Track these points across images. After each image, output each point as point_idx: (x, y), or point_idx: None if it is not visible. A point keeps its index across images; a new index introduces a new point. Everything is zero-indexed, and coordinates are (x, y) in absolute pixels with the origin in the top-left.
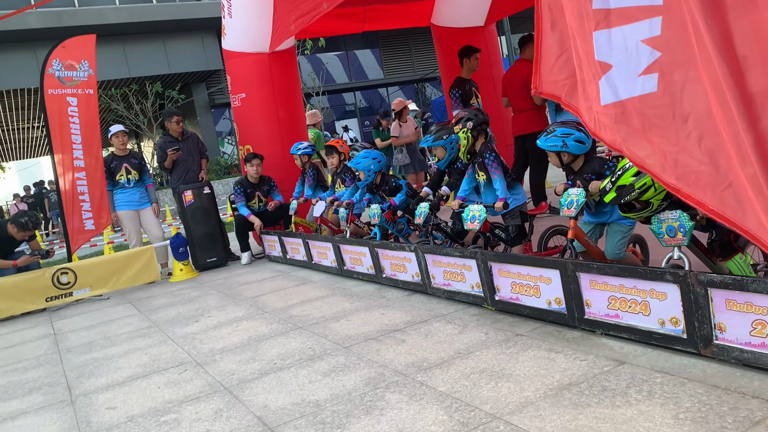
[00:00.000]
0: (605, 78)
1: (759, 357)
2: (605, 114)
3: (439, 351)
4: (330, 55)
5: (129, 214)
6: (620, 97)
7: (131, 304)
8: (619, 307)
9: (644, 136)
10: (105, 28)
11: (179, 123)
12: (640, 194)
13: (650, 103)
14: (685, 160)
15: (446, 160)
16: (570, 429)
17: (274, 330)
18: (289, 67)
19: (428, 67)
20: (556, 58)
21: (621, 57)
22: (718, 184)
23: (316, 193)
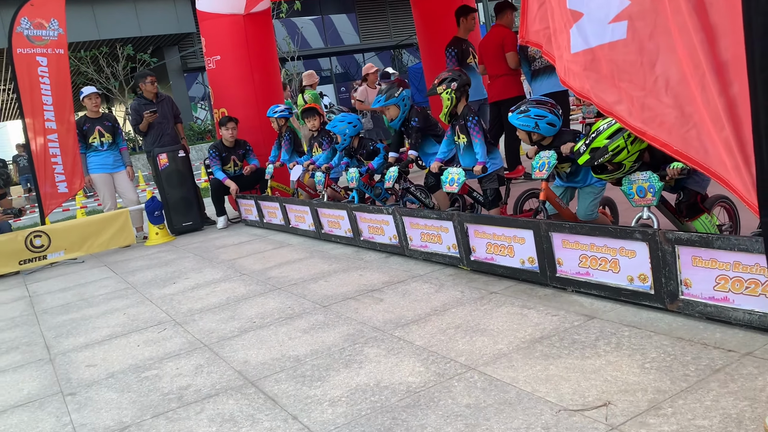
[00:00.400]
0: (576, 26)
1: (721, 310)
2: (575, 62)
3: (416, 309)
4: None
5: (103, 178)
6: (590, 44)
7: (107, 267)
8: (590, 265)
9: (613, 82)
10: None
11: (153, 84)
12: (613, 156)
13: (619, 50)
14: (652, 103)
15: (400, 118)
16: (541, 378)
17: (253, 291)
18: (265, 29)
19: (405, 32)
20: (537, 8)
21: (592, 5)
22: (683, 125)
23: (293, 158)
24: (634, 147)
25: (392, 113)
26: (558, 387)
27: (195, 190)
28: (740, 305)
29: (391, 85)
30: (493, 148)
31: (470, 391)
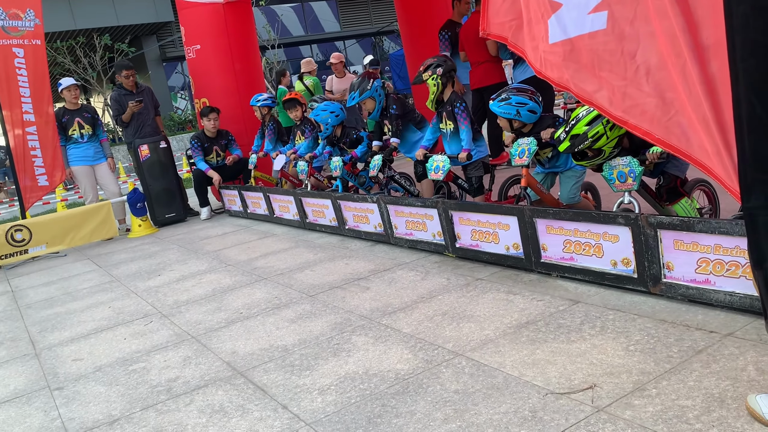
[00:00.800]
0: (555, 16)
1: (703, 293)
2: (552, 52)
3: (402, 296)
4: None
5: (84, 170)
6: (569, 34)
7: (90, 260)
8: (574, 250)
9: (593, 71)
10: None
11: (129, 77)
12: (593, 142)
13: (599, 40)
14: (633, 92)
15: (378, 109)
16: (528, 362)
17: (239, 281)
18: (245, 17)
19: (386, 19)
20: (503, 1)
21: None
22: (664, 114)
23: (277, 147)
24: (614, 133)
25: (369, 106)
26: (544, 371)
27: (177, 180)
28: (721, 287)
29: (362, 79)
30: (479, 135)
31: (458, 376)
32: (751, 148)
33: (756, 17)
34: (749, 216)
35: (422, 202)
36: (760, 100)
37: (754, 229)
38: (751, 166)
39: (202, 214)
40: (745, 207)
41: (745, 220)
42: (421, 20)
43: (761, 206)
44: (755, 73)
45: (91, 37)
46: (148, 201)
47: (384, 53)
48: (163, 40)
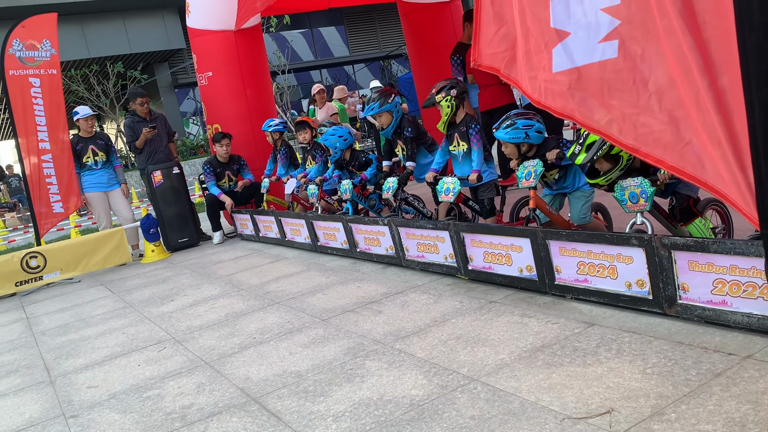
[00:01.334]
0: (561, 45)
1: (720, 314)
2: (556, 81)
3: (415, 320)
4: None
5: (98, 196)
6: (576, 63)
7: (104, 286)
8: (588, 271)
9: (602, 100)
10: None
11: (143, 105)
12: (610, 148)
13: (610, 68)
14: (646, 120)
15: (393, 125)
16: (544, 387)
17: (252, 306)
18: (256, 44)
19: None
20: (495, 31)
21: (579, 25)
22: (678, 141)
23: (289, 171)
24: None
25: (385, 120)
26: (561, 395)
27: (190, 205)
28: (738, 308)
29: (382, 93)
30: (490, 157)
31: (474, 402)
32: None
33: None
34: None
35: (433, 224)
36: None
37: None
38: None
39: (214, 239)
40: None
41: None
42: (428, 44)
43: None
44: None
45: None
46: (161, 226)
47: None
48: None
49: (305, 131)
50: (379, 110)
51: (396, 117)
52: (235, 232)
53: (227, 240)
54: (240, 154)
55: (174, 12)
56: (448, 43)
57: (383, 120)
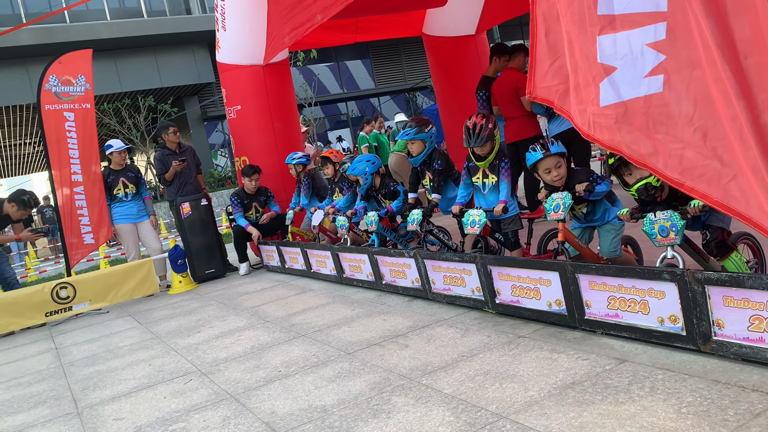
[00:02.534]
0: (608, 80)
1: (757, 351)
2: (604, 115)
3: (442, 354)
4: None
5: (127, 228)
6: (622, 97)
7: (132, 317)
8: (619, 306)
9: (647, 134)
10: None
11: (176, 134)
12: None
13: (655, 103)
14: (691, 155)
15: (424, 155)
16: (575, 426)
17: (277, 338)
18: (284, 78)
19: (419, 76)
20: (550, 65)
21: (626, 60)
22: (723, 176)
23: (312, 202)
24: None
25: (417, 149)
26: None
27: (217, 237)
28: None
29: (420, 122)
30: (514, 194)
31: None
32: None
33: None
34: None
35: (460, 257)
36: None
37: None
38: None
39: (241, 270)
40: None
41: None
42: (453, 76)
43: None
44: None
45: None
46: (188, 257)
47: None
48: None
49: (327, 166)
50: (414, 137)
51: (428, 148)
52: (261, 263)
53: (253, 271)
54: (267, 186)
55: (204, 47)
56: (473, 76)
57: (416, 147)
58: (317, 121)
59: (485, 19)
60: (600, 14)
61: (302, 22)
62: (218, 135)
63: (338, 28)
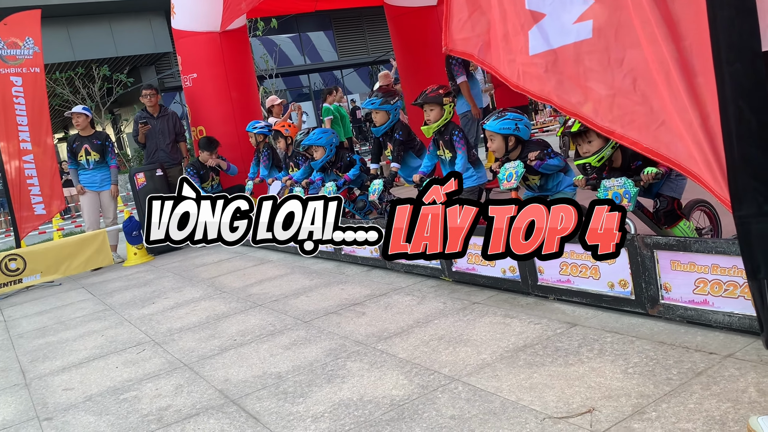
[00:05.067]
0: (537, 27)
1: (701, 314)
2: (533, 64)
3: (398, 321)
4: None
5: (90, 195)
6: (552, 45)
7: (85, 289)
8: (571, 272)
9: (578, 82)
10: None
11: (147, 96)
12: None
13: (585, 49)
14: (621, 102)
15: (386, 126)
16: (525, 387)
17: (233, 308)
18: (241, 46)
19: (382, 49)
20: (468, 16)
21: (554, 6)
22: (652, 123)
23: (272, 173)
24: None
25: (380, 119)
26: (542, 395)
27: None
28: (720, 308)
29: (388, 92)
30: (479, 162)
31: (454, 402)
32: (741, 153)
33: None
34: (741, 225)
35: None
36: (748, 103)
37: (747, 238)
38: (741, 173)
39: None
40: (737, 215)
41: (737, 229)
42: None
43: (753, 214)
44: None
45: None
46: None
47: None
48: (162, 71)
49: (279, 140)
50: (379, 107)
51: (392, 119)
52: None
53: None
54: (225, 156)
55: (161, 15)
56: (435, 47)
57: (379, 118)
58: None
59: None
60: None
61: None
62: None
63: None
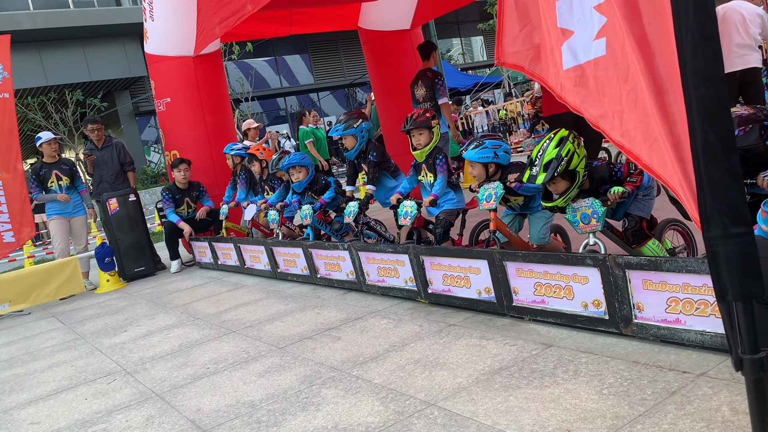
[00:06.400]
0: (566, 44)
1: (674, 332)
2: (567, 78)
3: (374, 345)
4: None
5: (60, 222)
6: (579, 61)
7: (55, 318)
8: (545, 292)
9: (598, 96)
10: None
11: (94, 131)
12: (568, 162)
13: (601, 66)
14: (627, 117)
15: (356, 149)
16: (501, 410)
17: (207, 335)
18: (215, 70)
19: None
20: (519, 30)
21: (580, 24)
22: (648, 139)
23: (249, 196)
24: (582, 151)
25: (349, 143)
26: (518, 418)
27: (147, 234)
28: (692, 326)
29: (350, 116)
30: (458, 188)
31: (430, 428)
32: (708, 176)
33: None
34: (709, 246)
35: (393, 248)
36: (713, 128)
37: (715, 260)
38: (708, 196)
39: (171, 267)
40: (706, 237)
41: (707, 251)
42: (390, 71)
43: (720, 236)
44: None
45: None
46: (116, 255)
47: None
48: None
49: (253, 164)
50: (343, 133)
51: (361, 141)
52: (193, 260)
53: (185, 269)
54: (199, 181)
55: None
56: (408, 70)
57: (348, 142)
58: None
59: (420, 14)
60: None
61: (233, 12)
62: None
63: (272, 19)
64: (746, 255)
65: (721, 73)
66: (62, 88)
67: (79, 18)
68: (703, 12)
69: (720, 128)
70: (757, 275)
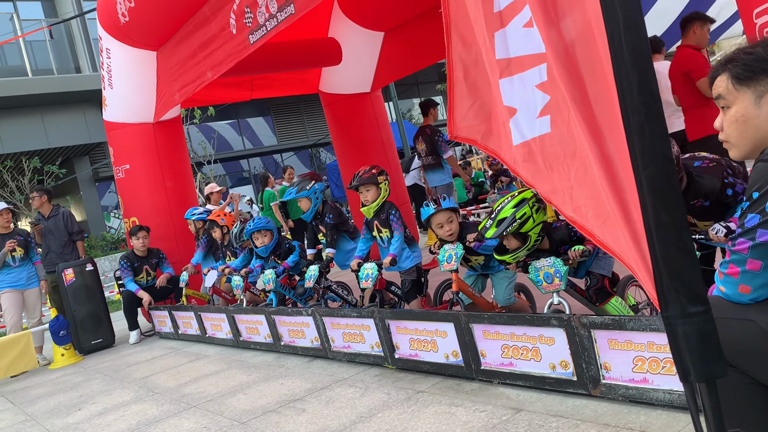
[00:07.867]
0: (512, 121)
1: (642, 392)
2: (518, 152)
3: (340, 417)
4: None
5: (13, 295)
6: (526, 137)
7: (4, 398)
8: (512, 354)
9: (547, 173)
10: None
11: (34, 199)
12: (520, 225)
13: (547, 143)
14: (577, 193)
15: (311, 211)
16: None
17: (166, 411)
18: (176, 135)
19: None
20: (470, 105)
21: (522, 102)
22: (600, 215)
23: (207, 262)
24: (539, 216)
25: (304, 206)
26: None
27: (104, 304)
28: (659, 385)
29: (303, 179)
30: (413, 242)
31: None
32: (662, 255)
33: (651, 125)
34: (668, 326)
35: (358, 312)
36: (664, 206)
37: (675, 340)
38: (664, 273)
39: (131, 338)
40: (665, 316)
41: (666, 330)
42: (351, 132)
43: (678, 316)
44: (656, 179)
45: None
46: (72, 327)
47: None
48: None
49: (214, 230)
50: (296, 195)
51: (315, 203)
52: (153, 330)
53: (145, 339)
54: (159, 248)
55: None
56: (370, 132)
57: (302, 205)
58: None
59: (380, 77)
60: (498, 58)
61: (193, 79)
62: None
63: (233, 85)
64: (705, 334)
65: (668, 152)
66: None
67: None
68: (648, 92)
69: (670, 206)
70: (717, 354)
